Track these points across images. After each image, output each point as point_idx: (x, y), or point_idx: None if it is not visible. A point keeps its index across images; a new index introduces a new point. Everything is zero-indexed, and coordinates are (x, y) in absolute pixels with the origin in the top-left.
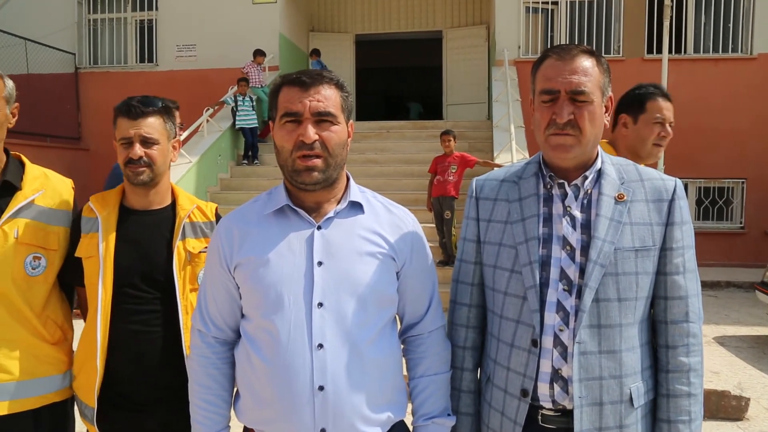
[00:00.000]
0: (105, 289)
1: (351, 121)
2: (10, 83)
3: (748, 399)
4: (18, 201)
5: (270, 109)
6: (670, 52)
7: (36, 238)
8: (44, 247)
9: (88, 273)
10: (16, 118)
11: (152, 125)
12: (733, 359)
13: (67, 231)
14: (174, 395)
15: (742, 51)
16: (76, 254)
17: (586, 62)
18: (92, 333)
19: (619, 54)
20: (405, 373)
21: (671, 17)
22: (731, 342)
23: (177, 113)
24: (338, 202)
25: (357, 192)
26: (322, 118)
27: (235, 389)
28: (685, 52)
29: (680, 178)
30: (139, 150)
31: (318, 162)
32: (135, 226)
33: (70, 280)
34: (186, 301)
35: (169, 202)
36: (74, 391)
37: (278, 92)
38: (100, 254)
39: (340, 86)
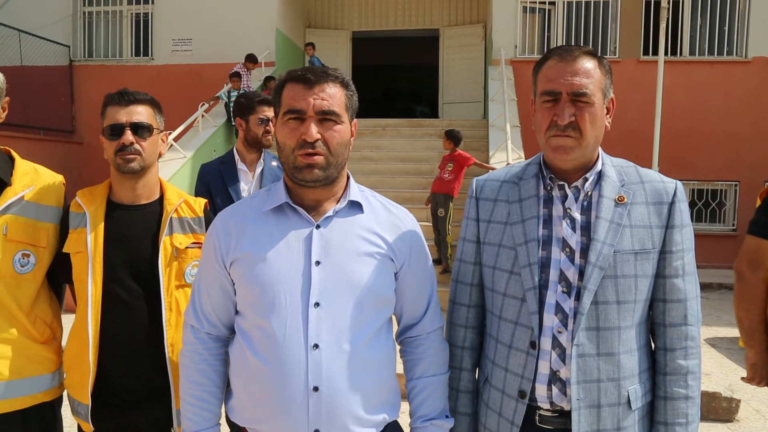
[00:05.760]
0: (95, 284)
1: (354, 120)
2: (1, 77)
3: (739, 401)
4: (7, 197)
5: (273, 104)
6: (666, 54)
7: (25, 234)
8: (33, 244)
9: (76, 269)
10: (6, 112)
11: (143, 113)
12: (725, 361)
13: (57, 228)
14: (160, 392)
15: (737, 54)
16: (64, 250)
17: (588, 64)
18: (83, 330)
19: (615, 55)
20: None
21: (667, 19)
22: (723, 344)
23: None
24: (338, 201)
25: (357, 191)
26: (326, 117)
27: (226, 387)
28: (681, 54)
29: None
30: (130, 136)
31: (319, 159)
32: (122, 221)
33: (59, 277)
34: (170, 297)
35: (157, 196)
36: (66, 388)
37: (282, 88)
38: (89, 250)
39: (345, 85)
